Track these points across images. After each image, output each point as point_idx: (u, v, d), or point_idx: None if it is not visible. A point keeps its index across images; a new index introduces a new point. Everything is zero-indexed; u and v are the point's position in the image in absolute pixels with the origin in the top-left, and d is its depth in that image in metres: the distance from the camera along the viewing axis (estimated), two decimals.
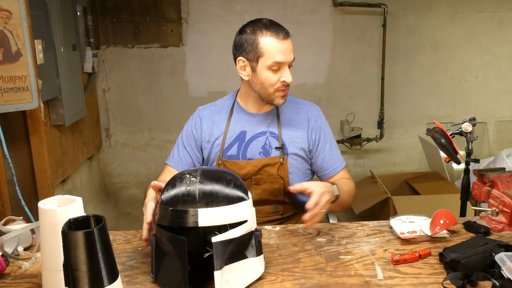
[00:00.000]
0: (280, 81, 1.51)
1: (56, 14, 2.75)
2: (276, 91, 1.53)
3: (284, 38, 1.49)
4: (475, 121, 1.90)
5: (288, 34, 1.51)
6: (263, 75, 1.51)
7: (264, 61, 1.50)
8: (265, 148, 1.61)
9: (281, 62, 1.49)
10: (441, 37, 3.88)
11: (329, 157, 1.66)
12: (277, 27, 1.51)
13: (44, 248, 1.07)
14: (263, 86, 1.53)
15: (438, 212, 1.38)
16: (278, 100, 1.55)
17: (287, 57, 1.50)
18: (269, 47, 1.48)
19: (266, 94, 1.55)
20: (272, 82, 1.52)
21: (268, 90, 1.54)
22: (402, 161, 4.17)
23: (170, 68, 3.84)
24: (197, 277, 1.16)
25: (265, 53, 1.49)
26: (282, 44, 1.48)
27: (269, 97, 1.55)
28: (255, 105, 1.63)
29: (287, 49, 1.49)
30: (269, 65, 1.49)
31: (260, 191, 1.58)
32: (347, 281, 1.16)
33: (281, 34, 1.48)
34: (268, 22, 1.52)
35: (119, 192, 4.05)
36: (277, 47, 1.48)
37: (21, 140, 2.39)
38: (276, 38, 1.48)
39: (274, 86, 1.52)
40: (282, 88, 1.53)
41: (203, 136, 1.66)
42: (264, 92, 1.55)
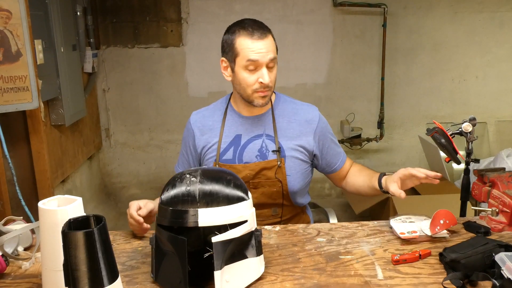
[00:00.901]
0: (258, 82, 1.50)
1: (56, 14, 2.75)
2: (255, 92, 1.52)
3: (260, 37, 1.47)
4: (475, 121, 1.90)
5: (265, 34, 1.49)
6: (241, 76, 1.51)
7: (239, 61, 1.50)
8: (262, 151, 1.59)
9: (255, 61, 1.47)
10: (441, 37, 3.88)
11: (335, 152, 1.70)
12: (254, 26, 1.49)
13: (44, 248, 1.07)
14: (242, 87, 1.53)
15: (438, 212, 1.38)
16: (257, 101, 1.54)
17: (262, 57, 1.47)
18: (243, 46, 1.48)
19: (246, 94, 1.54)
20: (250, 83, 1.51)
21: (247, 91, 1.53)
22: (402, 161, 4.17)
23: (170, 68, 3.85)
24: (197, 277, 1.16)
25: (240, 53, 1.49)
26: (257, 44, 1.47)
27: (249, 98, 1.54)
28: (245, 108, 1.62)
29: (262, 49, 1.47)
30: (244, 64, 1.49)
31: (259, 195, 1.58)
32: (347, 281, 1.16)
33: (256, 34, 1.47)
34: (249, 22, 1.50)
35: (119, 192, 4.05)
36: (251, 47, 1.47)
37: (21, 140, 2.38)
38: (250, 38, 1.47)
39: (251, 86, 1.51)
40: (260, 89, 1.51)
41: (197, 144, 1.66)
42: (243, 92, 1.54)
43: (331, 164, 1.69)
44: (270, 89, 1.54)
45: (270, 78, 1.51)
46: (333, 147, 1.69)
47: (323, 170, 1.72)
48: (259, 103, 1.54)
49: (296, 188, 1.60)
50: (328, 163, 1.69)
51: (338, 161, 1.70)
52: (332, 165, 1.69)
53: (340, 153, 1.71)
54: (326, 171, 1.72)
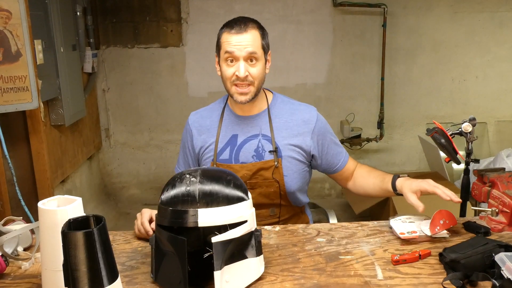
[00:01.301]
0: (234, 74, 1.52)
1: (56, 14, 2.75)
2: (233, 85, 1.54)
3: (238, 31, 1.51)
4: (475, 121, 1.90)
5: (245, 29, 1.51)
6: (222, 69, 1.55)
7: (221, 54, 1.54)
8: (258, 152, 1.59)
9: (231, 53, 1.50)
10: (441, 37, 3.88)
11: (336, 151, 1.68)
12: (237, 22, 1.53)
13: (44, 248, 1.07)
14: (223, 80, 1.57)
15: (438, 212, 1.38)
16: (236, 96, 1.55)
17: (238, 50, 1.50)
18: (223, 40, 1.53)
19: (227, 89, 1.57)
20: (228, 75, 1.54)
21: (227, 85, 1.56)
22: (402, 161, 4.17)
23: (170, 68, 3.85)
24: (197, 277, 1.16)
25: (221, 46, 1.54)
26: (235, 37, 1.50)
27: (230, 92, 1.57)
28: (240, 107, 1.62)
29: (241, 42, 1.50)
30: (224, 57, 1.53)
31: (256, 195, 1.57)
32: (347, 281, 1.16)
33: (235, 28, 1.51)
34: (236, 19, 1.56)
35: (119, 192, 4.05)
36: (229, 40, 1.51)
37: (21, 140, 2.38)
38: (228, 32, 1.52)
39: (230, 79, 1.54)
40: (236, 81, 1.53)
41: (195, 144, 1.67)
42: (225, 86, 1.58)
43: (332, 165, 1.68)
44: (252, 83, 1.53)
45: (250, 72, 1.52)
46: (333, 147, 1.67)
47: (324, 170, 1.70)
48: (238, 99, 1.55)
49: (294, 188, 1.60)
50: (329, 164, 1.67)
51: (339, 162, 1.68)
52: (333, 165, 1.68)
53: (341, 153, 1.69)
54: (328, 172, 1.71)
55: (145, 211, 1.43)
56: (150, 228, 1.37)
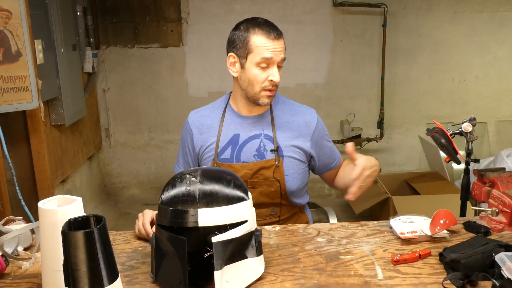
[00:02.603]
0: (267, 79, 1.52)
1: (56, 14, 2.75)
2: (263, 90, 1.54)
3: (275, 37, 1.51)
4: (475, 121, 1.90)
5: (280, 35, 1.53)
6: (251, 72, 1.53)
7: (252, 58, 1.52)
8: (260, 151, 1.60)
9: (269, 59, 1.50)
10: (441, 37, 3.88)
11: (331, 154, 1.72)
12: (270, 26, 1.53)
13: (44, 248, 1.07)
14: (250, 84, 1.54)
15: (438, 212, 1.38)
16: (263, 100, 1.55)
17: (276, 56, 1.51)
18: (258, 44, 1.50)
19: (253, 92, 1.55)
20: (260, 80, 1.52)
21: (255, 88, 1.54)
22: (402, 161, 4.17)
23: (170, 68, 3.85)
24: (197, 277, 1.16)
25: (254, 50, 1.51)
26: (273, 43, 1.50)
27: (255, 96, 1.56)
28: (245, 106, 1.62)
29: (277, 48, 1.51)
30: (257, 61, 1.51)
31: (257, 194, 1.58)
32: (347, 281, 1.16)
33: (272, 34, 1.51)
34: (262, 21, 1.54)
35: (119, 192, 4.06)
36: (267, 45, 1.50)
37: (21, 140, 2.39)
38: (267, 36, 1.50)
39: (261, 84, 1.53)
40: (269, 87, 1.53)
41: (195, 143, 1.67)
42: (250, 90, 1.55)
43: (327, 164, 1.72)
44: (276, 88, 1.57)
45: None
46: (329, 147, 1.71)
47: (319, 170, 1.73)
48: (264, 102, 1.56)
49: (294, 187, 1.61)
50: (325, 164, 1.71)
51: (334, 161, 1.72)
52: (328, 164, 1.72)
53: (336, 152, 1.74)
54: (323, 171, 1.74)
55: (147, 212, 1.43)
56: (151, 231, 1.37)
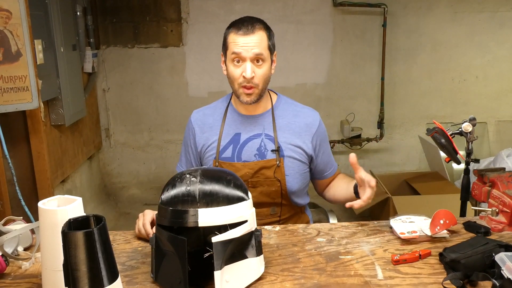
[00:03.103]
0: (241, 75, 1.53)
1: (56, 14, 2.75)
2: (240, 87, 1.55)
3: (245, 33, 1.51)
4: (475, 121, 1.90)
5: (252, 30, 1.52)
6: (229, 69, 1.56)
7: (228, 55, 1.55)
8: (261, 151, 1.60)
9: (238, 54, 1.51)
10: (441, 37, 3.89)
11: (328, 160, 1.72)
12: (244, 23, 1.53)
13: (44, 248, 1.07)
14: (231, 80, 1.57)
15: (438, 212, 1.38)
16: (242, 97, 1.56)
17: (245, 51, 1.51)
18: (230, 40, 1.53)
19: (234, 89, 1.58)
20: (235, 76, 1.54)
21: (234, 85, 1.56)
22: (402, 161, 4.17)
23: (170, 68, 3.85)
24: (197, 277, 1.16)
25: (228, 46, 1.54)
26: (243, 38, 1.51)
27: (236, 93, 1.58)
28: (244, 106, 1.63)
29: (248, 43, 1.51)
30: (230, 57, 1.53)
31: (257, 194, 1.58)
32: (347, 281, 1.16)
33: (242, 29, 1.52)
34: (243, 18, 1.56)
35: (119, 192, 4.06)
36: (236, 40, 1.51)
37: (21, 140, 2.39)
38: (235, 32, 1.52)
39: (237, 80, 1.54)
40: (244, 83, 1.53)
41: (197, 142, 1.68)
42: (233, 87, 1.58)
43: (324, 170, 1.72)
44: (256, 86, 1.54)
45: (256, 74, 1.52)
46: (327, 154, 1.71)
47: (316, 176, 1.73)
48: (243, 100, 1.56)
49: (295, 188, 1.61)
50: (322, 169, 1.71)
51: (329, 169, 1.73)
52: (325, 171, 1.72)
53: (333, 162, 1.74)
54: (318, 177, 1.74)
55: (148, 212, 1.43)
56: (151, 231, 1.37)
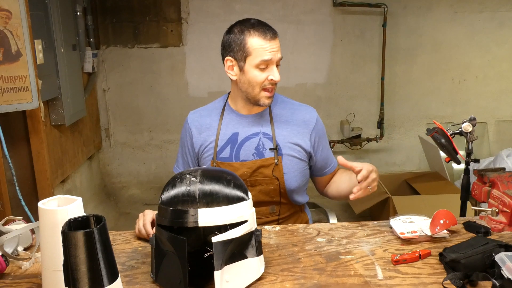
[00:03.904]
0: (267, 79, 1.53)
1: (56, 14, 2.75)
2: (263, 90, 1.55)
3: (272, 37, 1.52)
4: (475, 121, 1.90)
5: (275, 34, 1.54)
6: (251, 74, 1.53)
7: (251, 60, 1.52)
8: (259, 149, 1.60)
9: (268, 60, 1.51)
10: (441, 37, 3.89)
11: (326, 158, 1.71)
12: (265, 27, 1.53)
13: (44, 248, 1.07)
14: (251, 85, 1.55)
15: (438, 212, 1.38)
16: (263, 100, 1.56)
17: (274, 55, 1.52)
18: (256, 46, 1.51)
19: (253, 93, 1.56)
20: (260, 81, 1.53)
21: (255, 89, 1.55)
22: (402, 161, 4.17)
23: (170, 68, 3.85)
24: (197, 277, 1.16)
25: (252, 52, 1.51)
26: (270, 43, 1.51)
27: (255, 97, 1.56)
28: (244, 106, 1.63)
29: (274, 48, 1.52)
30: (256, 63, 1.51)
31: (256, 193, 1.58)
32: (347, 281, 1.16)
33: (268, 34, 1.51)
34: (256, 22, 1.54)
35: (119, 192, 4.05)
36: (265, 46, 1.50)
37: (21, 140, 2.39)
38: (263, 38, 1.51)
39: (261, 84, 1.54)
40: (269, 86, 1.54)
41: (195, 142, 1.67)
42: (251, 91, 1.56)
43: (323, 167, 1.71)
44: (275, 87, 1.58)
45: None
46: (326, 150, 1.71)
47: (316, 173, 1.73)
48: (265, 102, 1.57)
49: (294, 186, 1.61)
50: (321, 166, 1.71)
51: (329, 165, 1.72)
52: (324, 168, 1.72)
53: (332, 158, 1.74)
54: (318, 174, 1.74)
55: (148, 212, 1.43)
56: (151, 231, 1.37)
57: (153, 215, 1.41)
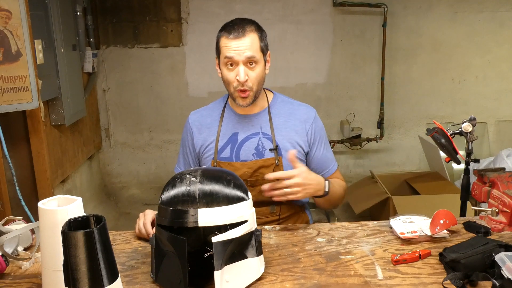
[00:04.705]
0: (236, 79, 1.53)
1: (56, 14, 2.75)
2: (235, 90, 1.55)
3: (236, 36, 1.51)
4: (475, 121, 1.90)
5: (243, 33, 1.51)
6: (223, 73, 1.56)
7: (221, 59, 1.55)
8: (258, 150, 1.61)
9: (230, 58, 1.51)
10: (441, 37, 3.88)
11: (324, 159, 1.68)
12: (235, 26, 1.53)
13: (44, 248, 1.07)
14: (226, 84, 1.58)
15: (438, 212, 1.38)
16: (238, 100, 1.57)
17: (237, 54, 1.51)
18: (222, 44, 1.54)
19: (230, 92, 1.58)
20: (229, 80, 1.54)
21: (230, 89, 1.57)
22: (402, 161, 4.17)
23: (170, 68, 3.85)
24: (197, 277, 1.16)
25: (221, 50, 1.54)
26: (234, 42, 1.51)
27: (232, 96, 1.58)
28: (239, 106, 1.63)
29: (239, 47, 1.51)
30: (224, 61, 1.53)
31: (256, 193, 1.58)
32: (347, 281, 1.16)
33: (233, 33, 1.51)
34: (234, 21, 1.55)
35: (119, 192, 4.05)
36: (228, 45, 1.51)
37: (21, 140, 2.39)
38: (227, 37, 1.52)
39: (232, 84, 1.54)
40: (238, 87, 1.53)
41: (195, 142, 1.68)
42: (228, 90, 1.59)
43: (318, 169, 1.66)
44: (250, 89, 1.55)
45: (249, 76, 1.53)
46: (324, 152, 1.68)
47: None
48: (240, 103, 1.57)
49: None
50: (314, 168, 1.66)
51: (324, 170, 1.67)
52: (320, 170, 1.66)
53: (330, 163, 1.69)
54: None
55: (148, 212, 1.43)
56: (151, 231, 1.37)
57: (153, 215, 1.41)
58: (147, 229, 1.39)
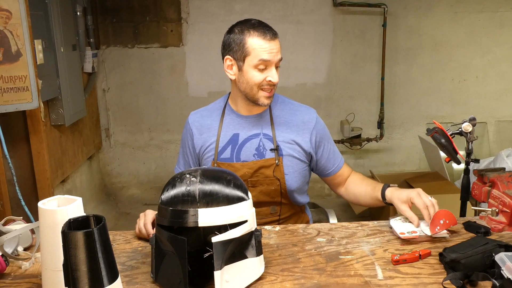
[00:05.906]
0: (266, 80, 1.53)
1: (56, 14, 2.75)
2: (261, 90, 1.54)
3: (271, 38, 1.51)
4: (475, 121, 1.90)
5: (275, 35, 1.53)
6: (249, 74, 1.53)
7: (250, 60, 1.52)
8: (259, 150, 1.61)
9: (267, 61, 1.50)
10: (441, 37, 3.88)
11: (332, 155, 1.70)
12: (265, 27, 1.53)
13: (44, 248, 1.07)
14: (249, 85, 1.55)
15: (438, 212, 1.38)
16: (262, 100, 1.56)
17: (273, 57, 1.51)
18: (255, 46, 1.50)
19: (251, 93, 1.56)
20: (258, 81, 1.53)
21: (253, 90, 1.55)
22: (402, 161, 4.17)
23: (170, 68, 3.85)
24: (197, 277, 1.16)
25: (251, 52, 1.51)
26: (269, 44, 1.50)
27: (254, 97, 1.56)
28: (244, 107, 1.63)
29: (273, 49, 1.51)
30: (255, 64, 1.51)
31: (257, 193, 1.58)
32: (347, 281, 1.16)
33: (268, 35, 1.51)
34: (256, 23, 1.54)
35: (119, 192, 4.06)
36: (264, 47, 1.50)
37: (21, 140, 2.39)
38: (263, 38, 1.50)
39: (259, 85, 1.53)
40: (267, 87, 1.54)
41: (195, 143, 1.68)
42: (249, 91, 1.56)
43: (326, 168, 1.70)
44: (275, 88, 1.57)
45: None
46: (329, 150, 1.69)
47: (320, 173, 1.73)
48: (264, 102, 1.56)
49: (294, 186, 1.61)
50: (323, 166, 1.69)
51: (333, 166, 1.70)
52: (327, 168, 1.70)
53: (337, 157, 1.71)
54: (322, 174, 1.73)
55: (149, 212, 1.43)
56: (152, 231, 1.37)
57: (154, 215, 1.41)
58: (147, 229, 1.39)
